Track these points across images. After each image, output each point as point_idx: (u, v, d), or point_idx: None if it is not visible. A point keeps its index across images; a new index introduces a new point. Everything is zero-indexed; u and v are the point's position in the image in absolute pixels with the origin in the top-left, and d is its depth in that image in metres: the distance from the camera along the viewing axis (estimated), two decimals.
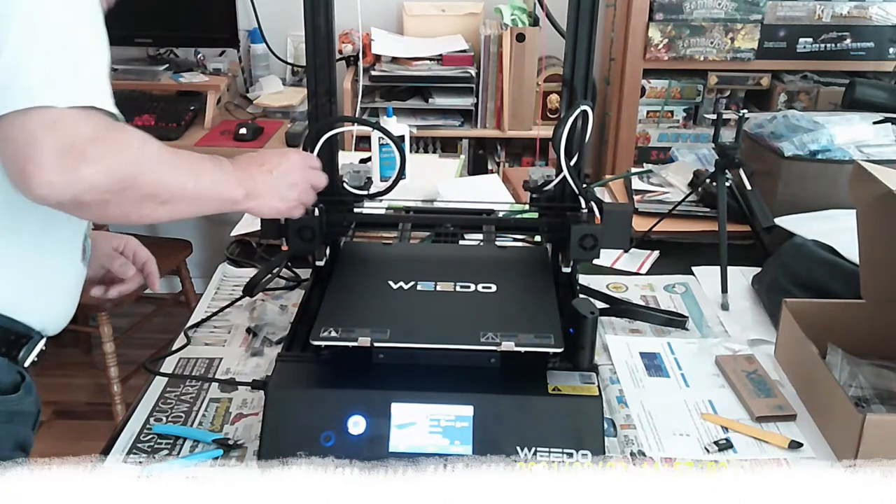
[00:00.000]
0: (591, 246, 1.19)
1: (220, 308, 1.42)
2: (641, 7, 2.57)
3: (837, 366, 1.20)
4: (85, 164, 0.82)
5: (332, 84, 1.24)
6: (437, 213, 1.49)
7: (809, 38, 2.61)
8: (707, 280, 1.52)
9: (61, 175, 0.81)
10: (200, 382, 1.22)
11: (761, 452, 1.09)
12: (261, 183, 1.03)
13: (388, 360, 1.05)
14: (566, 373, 1.06)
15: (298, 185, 1.08)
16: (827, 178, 1.61)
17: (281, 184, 1.05)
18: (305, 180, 1.09)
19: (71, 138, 0.82)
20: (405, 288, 1.16)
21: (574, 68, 1.19)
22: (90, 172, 0.83)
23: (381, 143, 1.81)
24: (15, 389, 1.02)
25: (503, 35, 2.63)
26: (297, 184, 1.07)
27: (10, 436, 1.03)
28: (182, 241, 2.87)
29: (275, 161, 1.06)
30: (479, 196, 1.72)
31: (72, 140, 0.82)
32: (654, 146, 2.78)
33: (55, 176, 0.81)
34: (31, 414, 1.06)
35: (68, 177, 0.82)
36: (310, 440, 0.99)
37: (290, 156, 1.08)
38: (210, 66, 2.84)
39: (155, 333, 2.74)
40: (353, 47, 2.71)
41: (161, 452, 1.08)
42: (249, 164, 1.04)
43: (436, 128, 2.75)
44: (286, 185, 1.06)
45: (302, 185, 1.08)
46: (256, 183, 1.02)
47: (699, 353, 1.30)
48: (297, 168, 1.08)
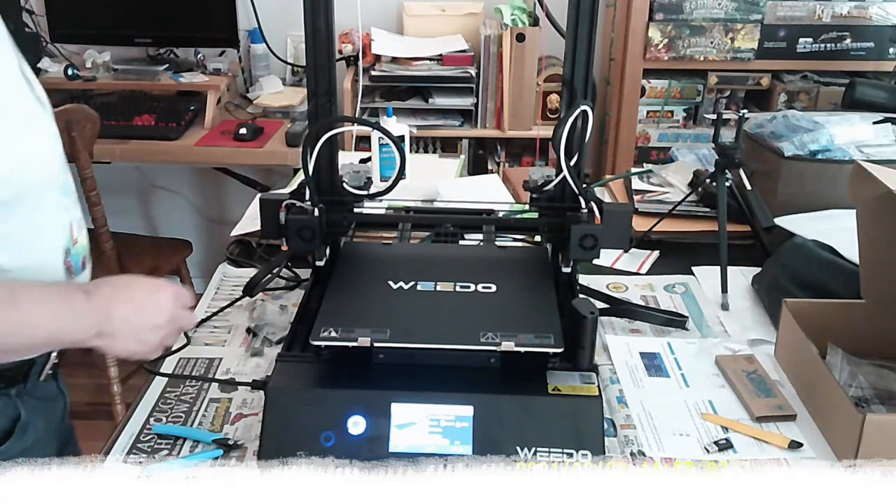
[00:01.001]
0: (591, 246, 1.19)
1: (220, 308, 1.42)
2: (641, 7, 2.57)
3: (837, 366, 1.20)
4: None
5: (332, 84, 1.24)
6: (437, 213, 1.49)
7: (809, 38, 2.61)
8: (707, 280, 1.52)
9: None
10: (200, 382, 1.22)
11: (761, 452, 1.09)
12: (118, 322, 0.94)
13: (388, 360, 1.05)
14: (566, 373, 1.06)
15: (163, 329, 0.98)
16: (827, 178, 1.61)
17: (144, 325, 0.96)
18: (173, 323, 1.00)
19: None
20: (405, 288, 1.16)
21: (574, 68, 1.19)
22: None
23: (381, 143, 1.81)
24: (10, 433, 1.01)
25: (503, 35, 2.63)
26: (161, 326, 0.98)
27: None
28: (182, 241, 2.87)
29: (142, 298, 0.96)
30: (479, 196, 1.72)
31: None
32: (654, 146, 2.78)
33: None
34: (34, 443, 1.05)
35: None
36: (310, 440, 0.99)
37: (161, 293, 0.98)
38: (210, 66, 2.84)
39: None
40: (353, 47, 2.71)
41: (161, 452, 1.08)
42: (112, 297, 0.94)
43: (436, 128, 2.75)
44: (149, 328, 0.97)
45: (167, 328, 0.99)
46: (113, 321, 0.93)
47: (699, 353, 1.30)
48: (167, 309, 0.98)
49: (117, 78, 2.78)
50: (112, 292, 0.95)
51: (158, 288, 0.99)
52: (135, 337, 0.96)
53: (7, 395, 1.03)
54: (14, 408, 1.04)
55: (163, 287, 0.99)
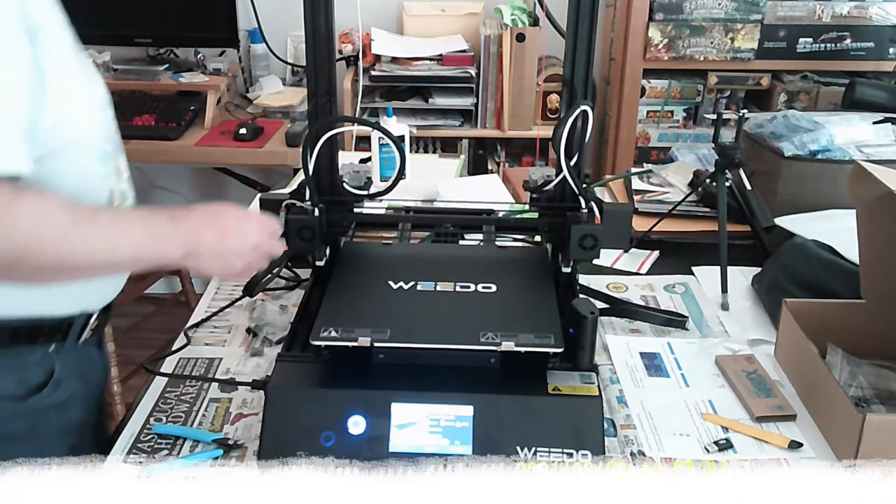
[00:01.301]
0: (591, 246, 1.19)
1: (220, 308, 1.42)
2: (641, 7, 2.57)
3: (837, 366, 1.20)
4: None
5: (332, 84, 1.24)
6: (437, 213, 1.49)
7: (809, 38, 2.61)
8: (707, 280, 1.52)
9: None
10: (200, 382, 1.22)
11: (761, 452, 1.09)
12: (206, 245, 0.99)
13: (388, 360, 1.05)
14: (566, 373, 1.06)
15: (248, 255, 1.03)
16: (827, 178, 1.61)
17: (230, 251, 1.01)
18: (260, 250, 1.05)
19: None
20: (405, 288, 1.16)
21: (574, 68, 1.19)
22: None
23: (381, 143, 1.81)
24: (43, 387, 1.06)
25: (503, 35, 2.63)
26: (247, 253, 1.03)
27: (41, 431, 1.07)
28: None
29: (231, 226, 1.02)
30: (479, 196, 1.72)
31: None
32: (654, 146, 2.78)
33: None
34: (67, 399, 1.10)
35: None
36: (310, 440, 0.99)
37: (250, 223, 1.04)
38: (210, 66, 2.84)
39: (155, 333, 2.74)
40: (353, 47, 2.71)
41: (161, 452, 1.08)
42: (203, 222, 1.00)
43: (436, 128, 2.75)
44: (235, 254, 1.02)
45: (253, 254, 1.04)
46: (202, 244, 0.99)
47: (699, 353, 1.30)
48: (253, 237, 1.04)
49: (117, 78, 2.78)
50: (202, 219, 1.00)
51: (246, 218, 1.04)
52: (221, 261, 1.01)
53: (45, 350, 1.07)
54: (49, 363, 1.08)
55: (250, 217, 1.05)
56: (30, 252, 0.87)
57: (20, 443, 1.06)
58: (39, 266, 0.89)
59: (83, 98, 1.04)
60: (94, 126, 1.06)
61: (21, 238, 0.86)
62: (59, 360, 1.09)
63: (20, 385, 1.05)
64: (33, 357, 1.06)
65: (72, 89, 1.01)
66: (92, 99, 1.06)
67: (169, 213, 0.99)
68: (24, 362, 1.06)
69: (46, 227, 0.87)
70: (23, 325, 1.04)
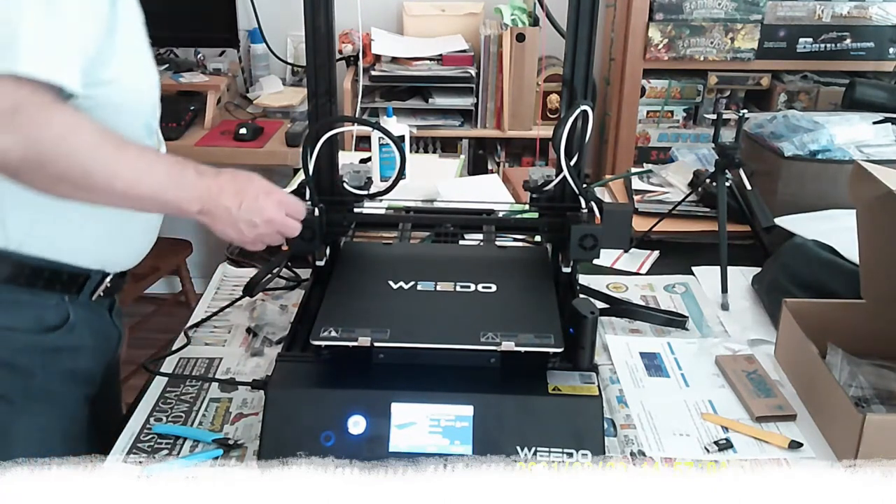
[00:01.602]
0: (591, 246, 1.19)
1: (220, 308, 1.42)
2: (641, 7, 2.57)
3: (837, 366, 1.20)
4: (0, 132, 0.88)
5: (332, 84, 1.24)
6: (437, 213, 1.49)
7: (809, 38, 2.61)
8: (707, 280, 1.52)
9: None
10: (200, 382, 1.22)
11: (761, 452, 1.09)
12: (221, 208, 1.02)
13: (388, 360, 1.05)
14: (566, 373, 1.06)
15: (260, 228, 1.05)
16: (827, 178, 1.61)
17: (241, 219, 1.04)
18: (272, 227, 1.07)
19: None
20: (405, 288, 1.16)
21: (574, 68, 1.19)
22: (2, 140, 0.88)
23: (381, 143, 1.81)
24: (59, 327, 1.12)
25: (503, 35, 2.63)
26: (258, 226, 1.05)
27: (49, 368, 1.13)
28: (182, 241, 2.87)
29: (252, 195, 1.04)
30: (479, 196, 1.72)
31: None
32: (654, 146, 2.78)
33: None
34: (79, 347, 1.16)
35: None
36: (310, 440, 0.99)
37: (270, 197, 1.06)
38: (210, 66, 2.84)
39: (155, 333, 2.74)
40: (353, 47, 2.71)
41: (161, 452, 1.08)
42: (226, 185, 1.03)
43: (436, 128, 2.75)
44: (248, 223, 1.04)
45: (265, 229, 1.06)
46: (218, 205, 1.02)
47: (699, 353, 1.30)
48: (269, 212, 1.05)
49: None
50: (226, 181, 1.03)
51: (269, 192, 1.06)
52: (233, 226, 1.04)
53: (60, 298, 1.13)
54: (65, 310, 1.13)
55: (273, 192, 1.07)
56: (55, 156, 0.91)
57: (33, 377, 1.11)
58: (62, 174, 0.93)
59: (143, 68, 1.13)
60: (146, 97, 1.14)
61: (49, 140, 0.90)
62: (74, 309, 1.14)
63: (36, 322, 1.11)
64: (50, 301, 1.12)
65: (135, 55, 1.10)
66: (149, 73, 1.15)
67: (197, 167, 1.02)
68: (42, 303, 1.11)
69: (75, 137, 0.92)
70: (44, 267, 1.09)
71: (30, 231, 1.08)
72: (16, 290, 1.08)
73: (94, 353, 1.20)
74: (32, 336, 1.10)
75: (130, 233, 1.19)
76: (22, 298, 1.09)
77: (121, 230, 1.16)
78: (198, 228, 3.22)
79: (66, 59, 0.94)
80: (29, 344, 1.10)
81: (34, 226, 1.08)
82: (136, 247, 1.21)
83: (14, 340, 1.09)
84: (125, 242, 1.19)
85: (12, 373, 1.10)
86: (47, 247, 1.09)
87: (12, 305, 1.09)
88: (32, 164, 0.91)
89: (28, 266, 1.08)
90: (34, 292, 1.10)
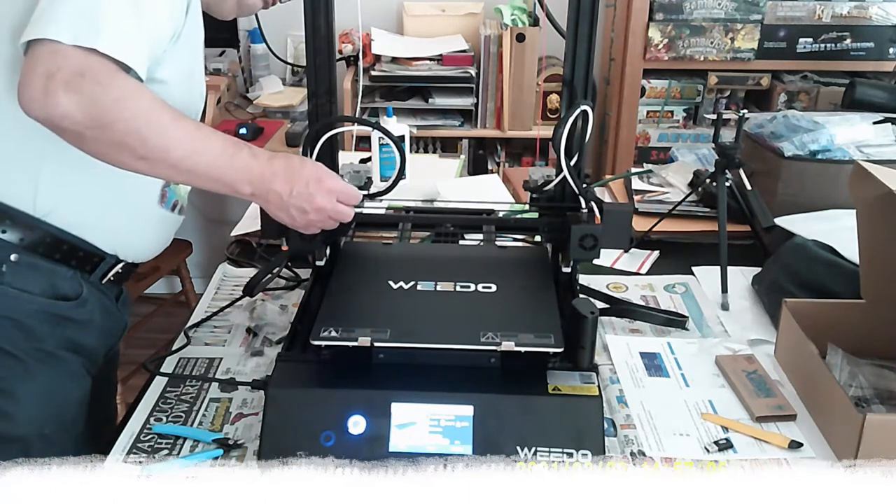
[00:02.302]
0: (591, 246, 1.19)
1: (220, 308, 1.42)
2: (641, 7, 2.57)
3: (837, 366, 1.20)
4: (64, 92, 0.92)
5: (332, 84, 1.24)
6: (437, 213, 1.49)
7: (809, 38, 2.61)
8: (707, 280, 1.52)
9: (42, 96, 0.93)
10: (200, 382, 1.23)
11: (761, 452, 1.09)
12: (273, 193, 1.04)
13: (388, 360, 1.05)
14: (566, 373, 1.06)
15: (310, 215, 1.07)
16: (827, 178, 1.61)
17: (292, 205, 1.06)
18: (323, 214, 1.08)
19: (59, 67, 0.93)
20: (405, 288, 1.16)
21: (574, 68, 1.19)
22: (66, 101, 0.92)
23: (381, 143, 1.81)
24: (72, 299, 1.16)
25: (503, 35, 2.63)
26: (308, 212, 1.06)
27: (57, 335, 1.16)
28: (182, 241, 2.87)
29: (302, 182, 1.05)
30: (479, 196, 1.72)
31: (59, 68, 0.93)
32: (654, 146, 2.78)
33: (37, 94, 0.93)
34: (88, 322, 1.20)
35: (47, 99, 0.92)
36: (310, 440, 0.99)
37: (321, 185, 1.06)
38: (210, 66, 2.84)
39: (155, 333, 2.74)
40: (353, 47, 2.71)
41: (161, 452, 1.08)
42: (279, 170, 1.04)
43: (436, 128, 2.75)
44: (297, 209, 1.06)
45: (315, 216, 1.07)
46: (269, 190, 1.04)
47: (699, 353, 1.30)
48: (318, 201, 1.06)
49: None
50: (280, 167, 1.05)
51: (321, 179, 1.07)
52: (284, 211, 1.06)
53: (74, 273, 1.17)
54: (78, 285, 1.18)
55: (324, 180, 1.07)
56: (113, 120, 0.95)
57: (41, 341, 1.15)
58: (121, 140, 0.97)
59: (194, 77, 1.19)
60: (193, 106, 1.19)
61: (110, 102, 0.94)
62: (87, 286, 1.19)
63: (51, 289, 1.15)
64: (65, 273, 1.16)
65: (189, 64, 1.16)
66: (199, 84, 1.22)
67: (253, 149, 1.05)
68: (57, 274, 1.15)
69: (134, 102, 0.96)
70: (64, 240, 1.14)
71: (57, 203, 1.12)
72: (35, 256, 1.12)
73: (100, 332, 1.23)
74: (45, 301, 1.14)
75: (148, 228, 1.24)
76: (40, 265, 1.13)
77: (140, 223, 1.22)
78: (198, 228, 3.22)
79: (139, 47, 1.00)
80: (41, 308, 1.14)
81: (63, 200, 1.12)
82: (150, 242, 1.26)
83: (28, 303, 1.13)
84: (142, 235, 1.24)
85: (23, 333, 1.13)
86: (71, 223, 1.14)
87: (30, 270, 1.13)
88: (93, 127, 0.95)
89: (50, 235, 1.13)
90: (51, 262, 1.14)
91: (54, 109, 0.93)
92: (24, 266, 1.12)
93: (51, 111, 0.93)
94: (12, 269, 1.11)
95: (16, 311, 1.12)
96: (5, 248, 1.11)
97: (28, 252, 1.12)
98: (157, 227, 1.26)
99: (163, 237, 1.29)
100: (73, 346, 1.19)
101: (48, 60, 0.93)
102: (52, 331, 1.15)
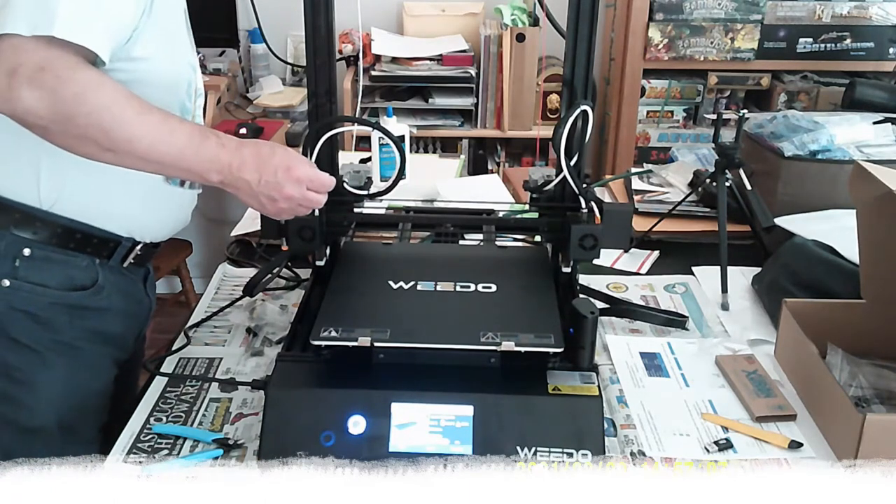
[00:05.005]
0: (591, 246, 1.19)
1: (220, 308, 1.42)
2: (641, 7, 2.57)
3: (837, 366, 1.20)
4: (27, 88, 0.93)
5: (332, 84, 1.23)
6: (437, 213, 1.49)
7: (809, 38, 2.61)
8: (707, 280, 1.52)
9: (7, 92, 0.93)
10: (200, 382, 1.22)
11: (761, 452, 1.09)
12: (242, 182, 1.04)
13: (388, 360, 1.05)
14: (566, 373, 1.06)
15: (280, 203, 1.06)
16: (827, 178, 1.61)
17: (261, 193, 1.05)
18: (293, 202, 1.07)
19: (21, 62, 0.93)
20: (405, 288, 1.16)
21: (574, 68, 1.19)
22: (28, 96, 0.93)
23: (381, 143, 1.81)
24: (87, 287, 1.18)
25: (503, 35, 2.63)
26: (277, 201, 1.05)
27: (76, 326, 1.19)
28: (182, 241, 2.87)
29: (271, 170, 1.04)
30: (479, 196, 1.72)
31: (21, 63, 0.93)
32: (654, 146, 2.78)
33: (1, 90, 0.93)
34: (107, 309, 1.22)
35: (11, 94, 0.93)
36: (310, 440, 0.99)
37: (289, 174, 1.05)
38: (210, 66, 2.84)
39: (155, 333, 2.73)
40: (353, 47, 2.71)
41: (161, 452, 1.08)
42: (248, 158, 1.03)
43: (436, 128, 2.75)
44: (266, 198, 1.05)
45: (285, 204, 1.06)
46: (239, 178, 1.03)
47: (699, 353, 1.30)
48: (287, 190, 1.05)
49: None
50: (248, 156, 1.04)
51: (288, 169, 1.05)
52: (254, 199, 1.06)
53: (91, 260, 1.19)
54: (94, 272, 1.20)
55: (293, 168, 1.05)
56: (75, 113, 0.95)
57: (60, 332, 1.17)
58: (83, 133, 0.97)
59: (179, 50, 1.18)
60: (181, 78, 1.19)
61: (70, 97, 0.94)
62: (104, 273, 1.21)
63: (66, 280, 1.17)
64: (81, 262, 1.18)
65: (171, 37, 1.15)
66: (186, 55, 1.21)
67: (221, 138, 1.04)
68: (73, 264, 1.17)
69: (95, 95, 0.96)
70: (76, 229, 1.16)
71: (61, 193, 1.13)
72: (47, 248, 1.14)
73: (124, 317, 1.26)
74: (61, 293, 1.16)
75: (160, 207, 1.25)
76: (53, 257, 1.15)
77: (150, 203, 1.23)
78: (198, 228, 3.22)
79: (97, 28, 0.99)
80: (57, 300, 1.16)
81: (66, 189, 1.14)
82: (165, 221, 1.27)
83: (44, 296, 1.15)
84: (156, 215, 1.25)
85: (40, 326, 1.15)
86: (79, 210, 1.15)
87: (44, 263, 1.14)
88: (57, 121, 0.95)
89: (60, 226, 1.14)
90: (66, 252, 1.16)
91: (18, 104, 0.93)
92: (38, 259, 1.14)
93: (15, 106, 0.94)
94: (26, 263, 1.13)
95: (32, 304, 1.14)
96: (17, 243, 1.12)
97: (41, 245, 1.13)
98: (168, 206, 1.27)
99: (177, 214, 1.29)
100: (97, 337, 1.20)
101: (10, 56, 0.94)
102: (70, 322, 1.17)
